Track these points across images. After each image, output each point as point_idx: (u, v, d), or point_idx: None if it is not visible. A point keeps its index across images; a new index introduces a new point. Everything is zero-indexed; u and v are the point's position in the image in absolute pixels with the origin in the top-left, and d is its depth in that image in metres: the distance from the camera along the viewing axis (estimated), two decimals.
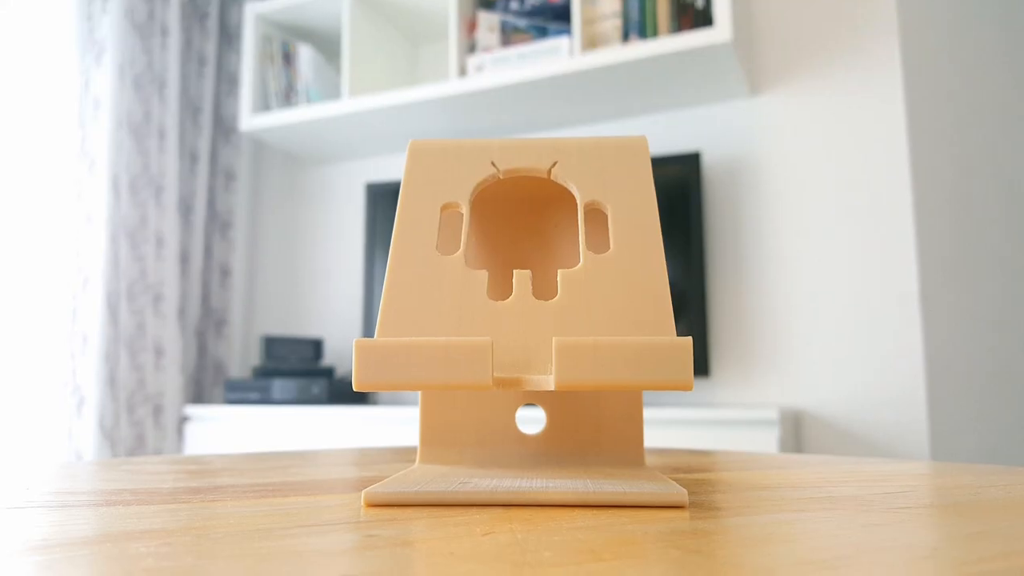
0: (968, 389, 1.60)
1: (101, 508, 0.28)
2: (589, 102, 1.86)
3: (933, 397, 1.57)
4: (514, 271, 0.34)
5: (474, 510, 0.27)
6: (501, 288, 0.42)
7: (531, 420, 1.56)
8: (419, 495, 0.29)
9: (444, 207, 0.37)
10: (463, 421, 0.39)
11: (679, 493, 0.28)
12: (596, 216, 0.43)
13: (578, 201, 0.37)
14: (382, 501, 0.29)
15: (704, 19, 1.63)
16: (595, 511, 0.27)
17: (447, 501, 0.29)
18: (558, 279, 0.34)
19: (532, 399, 0.39)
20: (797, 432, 1.65)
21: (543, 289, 0.43)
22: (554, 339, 0.28)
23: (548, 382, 0.28)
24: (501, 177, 0.39)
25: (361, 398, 2.09)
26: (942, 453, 1.56)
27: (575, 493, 0.28)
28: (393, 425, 1.67)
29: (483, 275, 0.33)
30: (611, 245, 0.34)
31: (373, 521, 0.25)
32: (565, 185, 0.37)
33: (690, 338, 0.27)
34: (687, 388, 0.27)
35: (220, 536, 0.22)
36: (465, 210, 0.37)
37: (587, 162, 0.38)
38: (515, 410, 0.39)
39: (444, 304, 0.33)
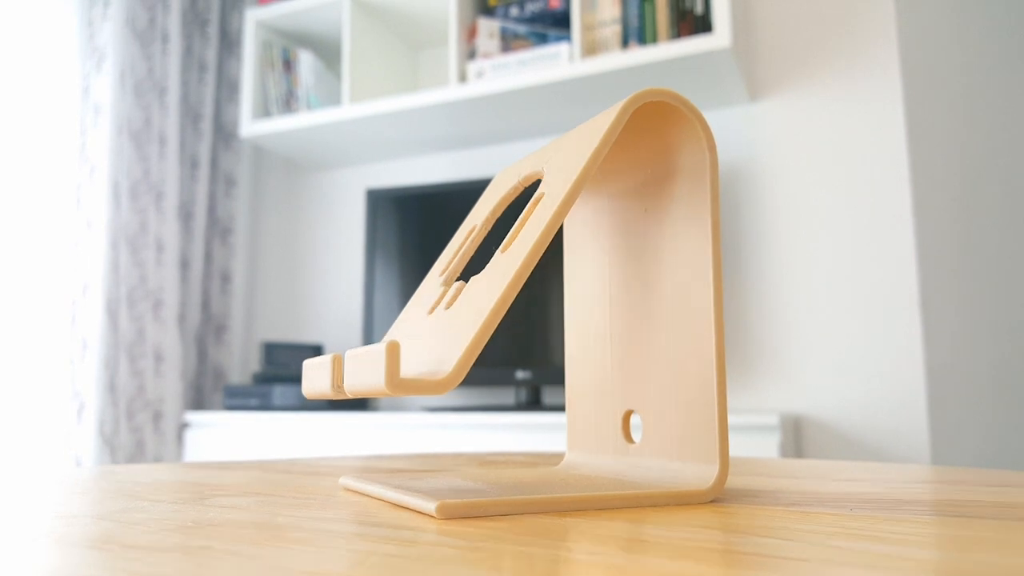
0: (969, 394, 1.60)
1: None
2: (589, 108, 1.86)
3: (934, 402, 1.57)
4: (455, 283, 0.37)
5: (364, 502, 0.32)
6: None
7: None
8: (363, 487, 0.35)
9: (471, 231, 0.40)
10: (585, 426, 0.41)
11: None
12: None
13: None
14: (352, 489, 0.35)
15: (703, 25, 1.64)
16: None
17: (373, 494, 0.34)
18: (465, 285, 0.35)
19: (632, 406, 0.37)
20: (798, 437, 1.64)
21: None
22: (346, 352, 0.30)
23: (342, 391, 0.31)
24: (521, 188, 0.40)
25: (362, 404, 2.09)
26: (943, 458, 1.56)
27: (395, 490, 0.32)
28: (392, 431, 1.66)
29: (439, 291, 0.37)
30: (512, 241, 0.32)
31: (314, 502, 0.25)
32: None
33: (385, 344, 0.25)
34: (381, 393, 0.26)
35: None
36: (478, 229, 0.40)
37: (566, 149, 0.35)
38: (621, 417, 0.38)
39: (403, 319, 0.38)
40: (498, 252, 0.33)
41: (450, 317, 0.32)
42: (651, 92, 0.33)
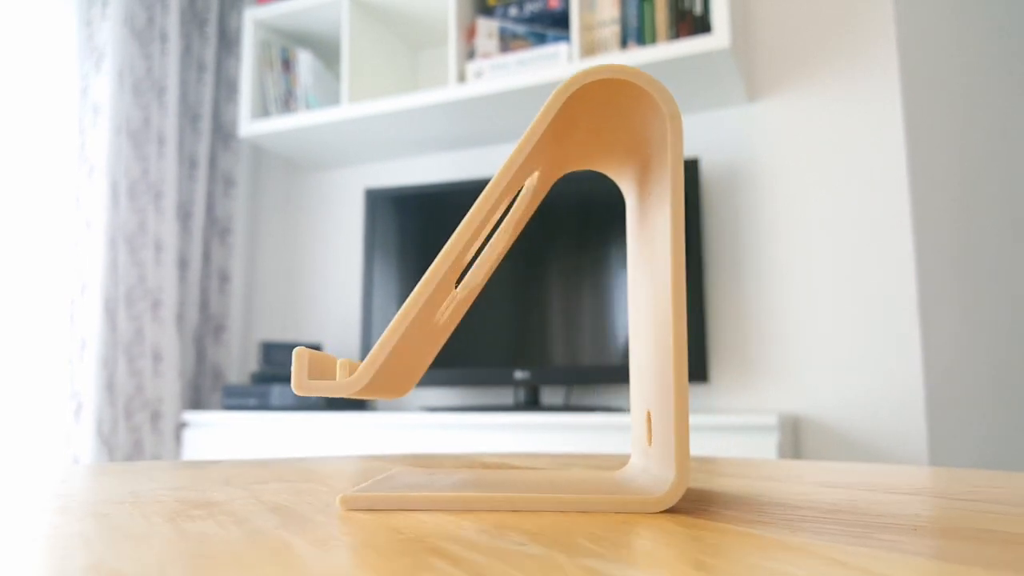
0: (967, 394, 1.60)
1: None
2: None
3: (932, 402, 1.57)
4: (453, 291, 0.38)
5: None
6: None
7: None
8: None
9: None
10: (635, 427, 0.39)
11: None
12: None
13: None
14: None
15: (702, 26, 1.64)
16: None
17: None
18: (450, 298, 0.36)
19: (649, 406, 0.34)
20: (796, 438, 1.64)
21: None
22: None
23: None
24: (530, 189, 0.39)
25: (359, 405, 2.09)
26: (941, 458, 1.56)
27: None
28: (391, 431, 1.66)
29: (451, 297, 0.37)
30: None
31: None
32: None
33: (295, 350, 0.29)
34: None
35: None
36: (485, 230, 0.39)
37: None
38: (645, 417, 0.35)
39: (416, 324, 0.37)
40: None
41: (442, 330, 0.33)
42: (592, 72, 0.31)
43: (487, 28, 1.86)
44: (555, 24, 1.85)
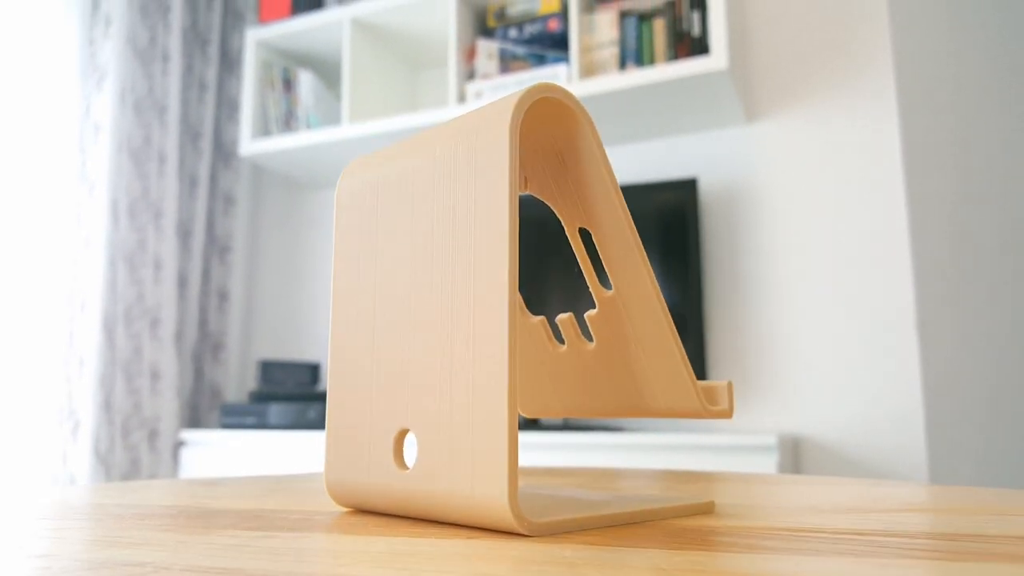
0: (966, 412, 1.60)
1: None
2: None
3: (931, 420, 1.57)
4: (558, 318, 0.36)
5: None
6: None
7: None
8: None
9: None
10: (351, 435, 0.31)
11: None
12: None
13: (566, 227, 0.34)
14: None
15: (700, 47, 1.65)
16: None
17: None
18: (588, 324, 0.35)
19: (412, 419, 0.28)
20: (796, 457, 1.64)
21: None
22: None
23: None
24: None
25: None
26: (941, 475, 1.56)
27: None
28: None
29: (539, 323, 0.35)
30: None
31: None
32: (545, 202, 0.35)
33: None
34: None
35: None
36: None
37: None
38: (394, 432, 0.29)
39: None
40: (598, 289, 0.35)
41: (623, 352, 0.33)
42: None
43: (487, 49, 1.87)
44: (554, 46, 1.87)
